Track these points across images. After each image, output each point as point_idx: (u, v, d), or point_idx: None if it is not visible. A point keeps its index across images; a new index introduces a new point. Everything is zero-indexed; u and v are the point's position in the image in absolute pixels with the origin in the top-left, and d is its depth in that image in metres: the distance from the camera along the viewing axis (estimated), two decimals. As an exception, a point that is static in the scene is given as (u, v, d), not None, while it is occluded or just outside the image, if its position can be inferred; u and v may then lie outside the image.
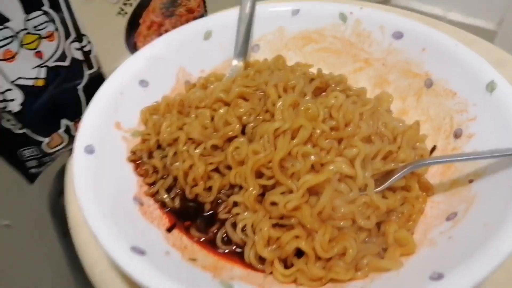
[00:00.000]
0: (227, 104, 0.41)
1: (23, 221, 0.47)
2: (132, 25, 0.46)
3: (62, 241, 0.52)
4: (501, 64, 0.47)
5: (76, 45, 0.41)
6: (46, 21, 0.38)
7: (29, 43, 0.38)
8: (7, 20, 0.36)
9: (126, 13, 0.45)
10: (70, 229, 0.39)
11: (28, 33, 0.38)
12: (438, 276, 0.27)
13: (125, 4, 0.45)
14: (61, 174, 0.45)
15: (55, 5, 0.38)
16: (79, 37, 0.41)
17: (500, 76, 0.37)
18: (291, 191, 0.34)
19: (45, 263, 0.53)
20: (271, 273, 0.33)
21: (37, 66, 0.39)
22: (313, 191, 0.34)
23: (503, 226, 0.28)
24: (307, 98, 0.39)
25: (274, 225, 0.34)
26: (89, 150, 0.36)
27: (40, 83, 0.40)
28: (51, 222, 0.51)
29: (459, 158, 0.35)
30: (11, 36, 0.37)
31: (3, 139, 0.40)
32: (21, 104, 0.39)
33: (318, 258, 0.32)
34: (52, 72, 0.40)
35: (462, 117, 0.39)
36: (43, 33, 0.38)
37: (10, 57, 0.37)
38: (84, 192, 0.33)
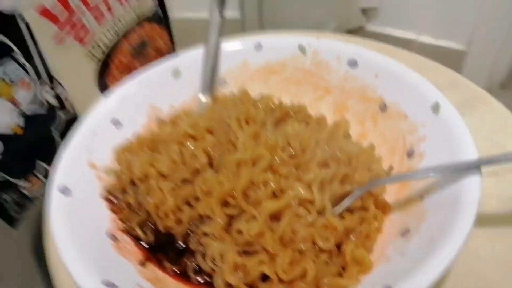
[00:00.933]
0: (194, 138, 0.44)
1: (9, 267, 0.48)
2: (103, 67, 0.49)
3: (48, 284, 0.54)
4: (453, 85, 0.51)
5: (51, 91, 0.44)
6: (19, 71, 0.40)
7: (4, 92, 0.41)
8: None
9: (95, 56, 0.48)
10: (49, 270, 0.41)
11: (3, 82, 0.40)
12: (387, 289, 0.29)
13: (93, 47, 0.48)
14: (40, 217, 0.47)
15: (27, 55, 0.41)
16: (53, 83, 0.43)
17: (443, 97, 0.40)
18: (255, 218, 0.36)
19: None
20: (239, 298, 0.35)
21: (14, 114, 0.42)
22: (275, 217, 0.36)
23: (445, 241, 0.30)
24: (268, 128, 0.42)
25: (241, 252, 0.36)
26: (63, 189, 0.38)
27: (19, 130, 0.42)
28: (36, 266, 0.52)
29: (407, 177, 0.38)
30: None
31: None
32: (1, 153, 0.41)
33: (281, 280, 0.34)
34: (30, 119, 0.42)
35: (413, 138, 0.41)
36: (17, 82, 0.41)
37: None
38: (60, 232, 0.35)
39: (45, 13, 0.41)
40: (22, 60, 0.41)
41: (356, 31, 1.21)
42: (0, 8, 0.38)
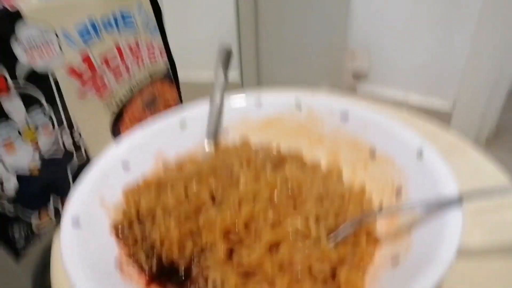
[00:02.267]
0: (199, 181, 0.47)
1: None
2: (117, 118, 0.54)
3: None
4: (435, 135, 0.56)
5: (70, 139, 0.48)
6: (45, 120, 0.45)
7: (29, 138, 0.45)
8: (9, 118, 0.43)
9: (113, 111, 0.53)
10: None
11: (29, 129, 0.45)
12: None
13: (110, 101, 0.53)
14: (46, 251, 0.49)
15: (53, 107, 0.46)
16: (72, 131, 0.48)
17: (427, 143, 0.45)
18: (254, 248, 0.39)
19: None
20: (239, 323, 0.36)
21: (34, 157, 0.46)
22: (274, 246, 0.38)
23: (429, 265, 0.33)
24: (267, 169, 0.45)
25: (242, 277, 0.38)
26: (75, 223, 0.41)
27: (36, 172, 0.46)
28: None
29: (394, 209, 0.41)
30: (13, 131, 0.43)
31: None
32: (16, 190, 0.45)
33: (280, 304, 0.35)
34: (47, 162, 0.46)
35: (400, 180, 0.45)
36: (41, 130, 0.45)
37: (11, 149, 0.44)
38: (71, 260, 0.37)
39: (72, 72, 0.47)
40: (48, 110, 0.46)
41: (348, 91, 1.29)
42: (35, 67, 0.44)
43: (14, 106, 0.43)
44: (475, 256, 0.42)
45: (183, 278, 0.40)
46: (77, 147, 0.49)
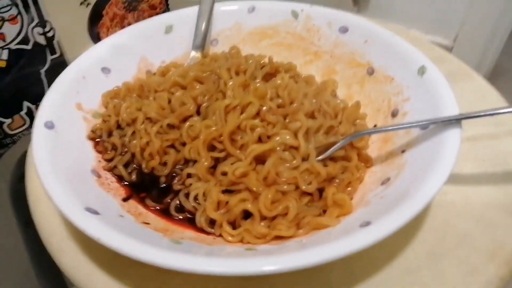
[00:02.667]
0: (183, 88, 0.44)
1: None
2: (95, 16, 0.49)
3: (24, 231, 0.53)
4: (440, 59, 0.52)
5: (39, 30, 0.43)
6: (9, 5, 0.40)
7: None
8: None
9: (89, 3, 0.48)
10: (30, 206, 0.41)
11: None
12: (366, 224, 0.30)
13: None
14: (22, 159, 0.46)
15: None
16: (42, 22, 0.43)
17: (430, 61, 0.42)
18: (240, 161, 0.37)
19: (6, 255, 0.53)
20: (220, 235, 0.35)
21: None
22: (260, 160, 0.37)
23: (423, 183, 0.31)
24: (257, 80, 0.42)
25: (224, 192, 0.36)
26: (49, 125, 0.38)
27: (2, 64, 0.42)
28: (12, 210, 0.51)
29: (389, 129, 0.39)
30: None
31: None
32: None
33: (263, 218, 0.34)
34: (15, 54, 0.42)
35: (398, 99, 0.42)
36: (5, 16, 0.40)
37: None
38: (42, 161, 0.35)
39: None
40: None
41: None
42: None
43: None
44: (467, 185, 0.40)
45: (162, 190, 0.39)
46: (48, 40, 0.45)
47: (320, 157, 0.37)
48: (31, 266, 0.54)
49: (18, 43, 0.42)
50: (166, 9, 0.56)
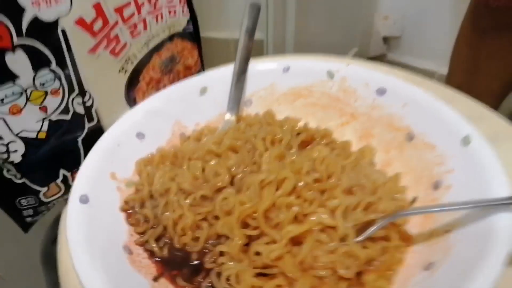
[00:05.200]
0: (218, 156, 0.43)
1: (15, 272, 0.48)
2: (132, 81, 0.50)
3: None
4: (481, 118, 0.50)
5: (79, 100, 0.44)
6: (52, 79, 0.41)
7: (36, 99, 0.41)
8: (17, 77, 0.39)
9: (127, 70, 0.48)
10: (59, 277, 0.40)
11: (35, 89, 0.41)
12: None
13: (126, 61, 0.49)
14: (55, 223, 0.47)
15: (61, 63, 0.42)
16: (82, 92, 0.44)
17: (475, 130, 0.40)
18: (275, 241, 0.35)
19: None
20: (253, 321, 0.33)
21: (41, 119, 0.42)
22: (296, 241, 0.35)
23: (476, 274, 0.29)
24: (293, 151, 0.41)
25: (258, 275, 0.35)
26: (84, 199, 0.38)
27: (42, 135, 0.42)
28: (43, 271, 0.52)
29: (434, 209, 0.36)
30: (20, 93, 0.39)
31: (2, 188, 0.42)
32: (23, 155, 0.42)
33: (299, 307, 0.33)
34: (55, 125, 0.43)
35: (440, 169, 0.40)
36: (49, 89, 0.41)
37: (17, 112, 0.40)
38: (76, 239, 0.35)
39: (82, 23, 0.42)
40: (58, 71, 0.41)
41: (377, 58, 1.21)
42: (41, 17, 0.39)
43: (20, 64, 0.39)
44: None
45: (194, 268, 0.37)
46: (87, 109, 0.45)
47: (359, 238, 0.35)
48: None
49: (59, 114, 0.43)
50: (201, 68, 0.56)
